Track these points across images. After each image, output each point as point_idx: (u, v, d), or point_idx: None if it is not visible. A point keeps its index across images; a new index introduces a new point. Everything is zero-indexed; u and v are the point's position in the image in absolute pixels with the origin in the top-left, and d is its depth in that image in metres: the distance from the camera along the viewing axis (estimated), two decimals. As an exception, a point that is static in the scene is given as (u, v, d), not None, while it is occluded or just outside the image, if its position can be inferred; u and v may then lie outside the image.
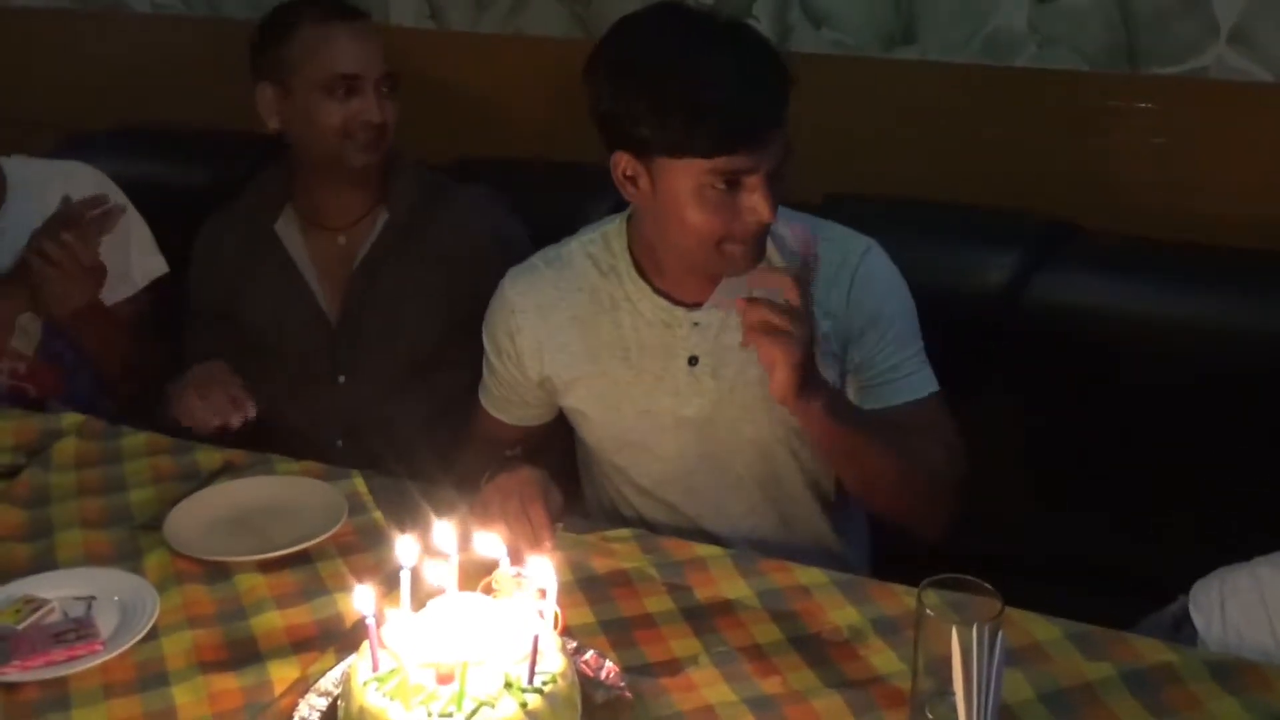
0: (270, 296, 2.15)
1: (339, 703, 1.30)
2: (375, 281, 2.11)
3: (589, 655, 1.40)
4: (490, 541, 1.39)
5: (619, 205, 1.82)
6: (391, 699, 1.22)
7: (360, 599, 1.27)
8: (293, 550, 1.63)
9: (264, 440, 1.96)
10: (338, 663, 1.40)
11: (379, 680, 1.25)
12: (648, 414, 1.78)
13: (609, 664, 1.39)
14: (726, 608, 1.52)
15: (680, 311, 1.74)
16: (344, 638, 1.47)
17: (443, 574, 1.34)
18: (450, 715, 1.20)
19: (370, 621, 1.26)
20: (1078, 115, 2.22)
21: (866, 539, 1.95)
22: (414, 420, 2.10)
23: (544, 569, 1.31)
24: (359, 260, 2.12)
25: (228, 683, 1.41)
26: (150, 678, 1.42)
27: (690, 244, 1.63)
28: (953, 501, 1.72)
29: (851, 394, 1.74)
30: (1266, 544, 1.58)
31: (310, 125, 2.05)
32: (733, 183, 1.57)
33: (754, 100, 1.55)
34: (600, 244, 1.79)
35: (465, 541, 1.39)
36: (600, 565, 1.62)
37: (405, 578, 1.32)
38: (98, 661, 1.43)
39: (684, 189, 1.58)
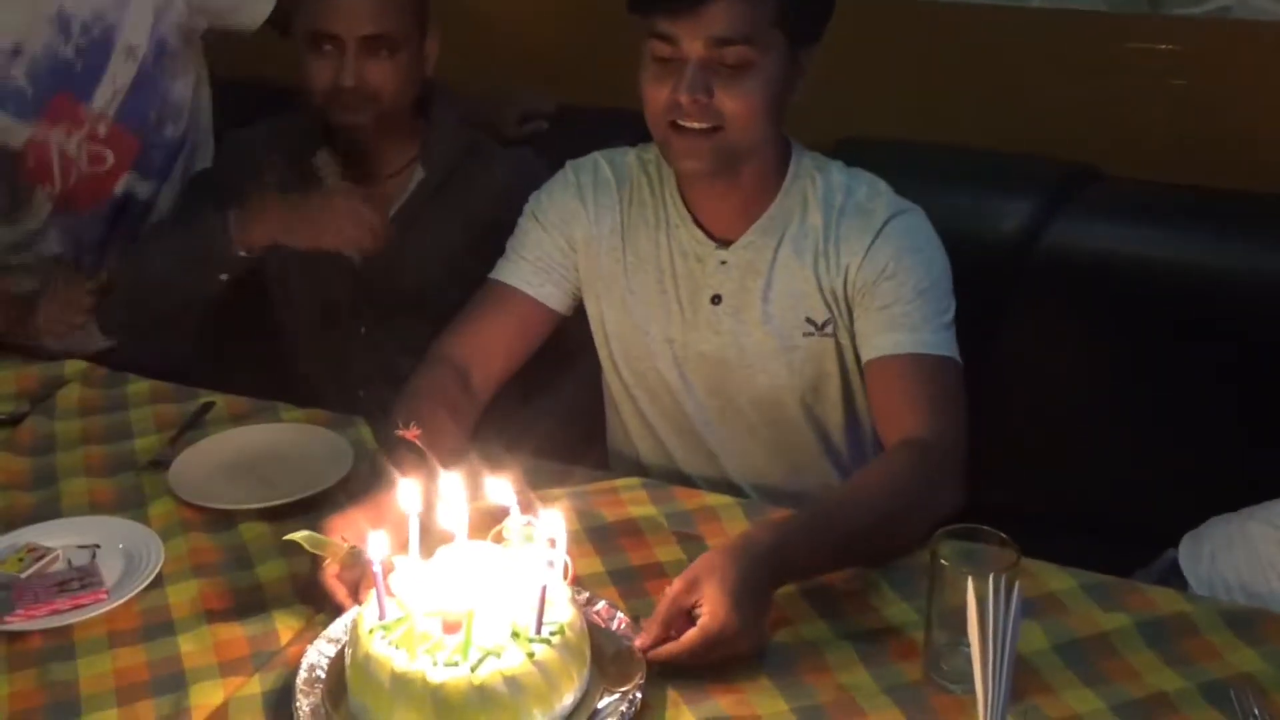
0: None
1: (346, 650, 1.29)
2: (405, 237, 2.03)
3: (600, 606, 1.39)
4: (502, 489, 1.37)
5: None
6: (398, 647, 1.21)
7: (369, 546, 1.26)
8: (298, 498, 1.62)
9: (290, 385, 1.92)
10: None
11: (385, 628, 1.24)
12: (668, 342, 1.78)
13: (620, 615, 1.37)
14: (737, 557, 1.50)
15: (711, 247, 1.74)
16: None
17: (452, 522, 1.33)
18: (456, 664, 1.19)
19: (377, 569, 1.25)
20: (1097, 57, 2.19)
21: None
22: None
23: (554, 518, 1.30)
24: (391, 214, 2.04)
25: (233, 631, 1.40)
26: (155, 627, 1.42)
27: (649, 120, 1.64)
28: (954, 482, 1.54)
29: (864, 337, 1.69)
30: (1259, 494, 1.57)
31: (302, 79, 1.96)
32: (673, 58, 1.57)
33: None
34: (655, 162, 1.78)
35: (474, 490, 1.37)
36: (609, 514, 1.60)
37: (413, 525, 1.31)
38: (102, 610, 1.42)
39: (641, 51, 1.60)
